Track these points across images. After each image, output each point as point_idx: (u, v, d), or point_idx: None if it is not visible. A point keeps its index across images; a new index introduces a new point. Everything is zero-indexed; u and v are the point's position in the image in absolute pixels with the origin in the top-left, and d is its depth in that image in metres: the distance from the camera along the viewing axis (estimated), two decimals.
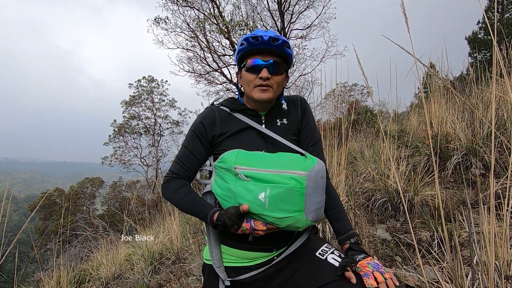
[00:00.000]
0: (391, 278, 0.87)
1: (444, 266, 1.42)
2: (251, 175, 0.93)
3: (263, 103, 1.08)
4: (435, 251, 1.69)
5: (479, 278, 1.00)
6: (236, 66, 1.14)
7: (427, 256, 1.72)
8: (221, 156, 1.02)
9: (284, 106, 1.12)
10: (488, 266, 0.94)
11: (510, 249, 1.07)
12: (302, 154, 1.02)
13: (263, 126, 1.10)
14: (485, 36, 13.51)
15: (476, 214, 2.07)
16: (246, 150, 1.01)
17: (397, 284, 0.86)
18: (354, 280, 0.87)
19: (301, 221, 0.91)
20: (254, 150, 1.02)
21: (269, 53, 1.04)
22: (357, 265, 0.90)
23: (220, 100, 1.18)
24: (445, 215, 2.13)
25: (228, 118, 1.10)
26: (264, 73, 1.02)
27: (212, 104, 1.17)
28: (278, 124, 1.12)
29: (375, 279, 0.86)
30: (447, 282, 1.16)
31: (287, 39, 10.40)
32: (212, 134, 1.08)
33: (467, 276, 1.07)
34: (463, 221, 1.92)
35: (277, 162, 0.94)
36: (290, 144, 1.05)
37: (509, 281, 0.96)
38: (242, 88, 1.13)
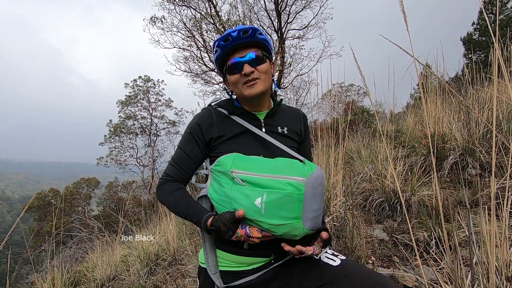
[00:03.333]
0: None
1: (443, 267, 1.42)
2: (248, 179, 0.90)
3: (257, 98, 1.05)
4: (433, 251, 1.69)
5: (479, 279, 1.00)
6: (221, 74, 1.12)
7: (425, 256, 1.71)
8: (218, 160, 0.99)
9: (278, 92, 1.11)
10: (488, 267, 0.94)
11: (510, 249, 1.07)
12: (301, 161, 1.00)
13: (263, 130, 1.08)
14: (480, 37, 13.64)
15: (473, 214, 2.07)
16: (243, 154, 0.99)
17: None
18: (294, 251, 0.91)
19: (298, 229, 0.88)
20: (252, 155, 1.00)
21: (244, 47, 1.02)
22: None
23: (218, 102, 1.14)
24: (443, 215, 2.14)
25: (226, 120, 1.07)
26: (246, 68, 0.99)
27: (209, 105, 1.14)
28: (279, 131, 1.10)
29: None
30: (447, 283, 1.15)
31: (284, 39, 10.41)
32: (209, 137, 1.05)
33: (466, 277, 1.07)
34: (461, 221, 1.93)
35: (274, 167, 0.92)
36: (289, 150, 1.03)
37: (510, 282, 0.96)
38: (233, 94, 1.11)
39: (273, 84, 1.13)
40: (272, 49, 1.11)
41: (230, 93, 1.14)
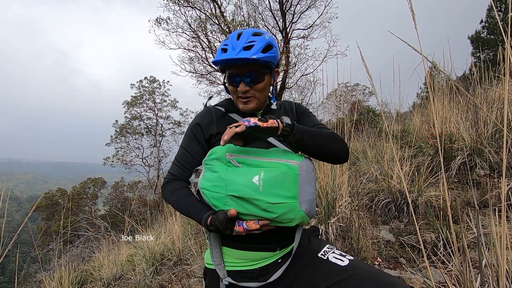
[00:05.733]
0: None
1: (451, 269, 1.40)
2: (244, 161, 0.92)
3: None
4: (441, 253, 1.66)
5: (489, 282, 0.98)
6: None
7: (433, 258, 1.69)
8: (211, 150, 1.00)
9: (274, 106, 1.13)
10: (498, 269, 0.92)
11: None
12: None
13: None
14: (488, 36, 13.43)
15: (482, 215, 2.04)
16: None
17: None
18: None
19: (295, 211, 0.88)
20: None
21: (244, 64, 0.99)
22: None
23: (218, 102, 1.17)
24: (451, 216, 2.11)
25: (225, 118, 1.10)
26: (242, 87, 1.00)
27: (205, 105, 1.16)
28: None
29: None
30: (455, 286, 1.13)
31: (289, 39, 10.38)
32: (209, 134, 1.07)
33: (476, 280, 1.05)
34: (469, 222, 1.90)
35: (269, 153, 0.95)
36: (285, 148, 1.04)
37: None
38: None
39: (272, 95, 1.14)
40: (278, 59, 1.07)
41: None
